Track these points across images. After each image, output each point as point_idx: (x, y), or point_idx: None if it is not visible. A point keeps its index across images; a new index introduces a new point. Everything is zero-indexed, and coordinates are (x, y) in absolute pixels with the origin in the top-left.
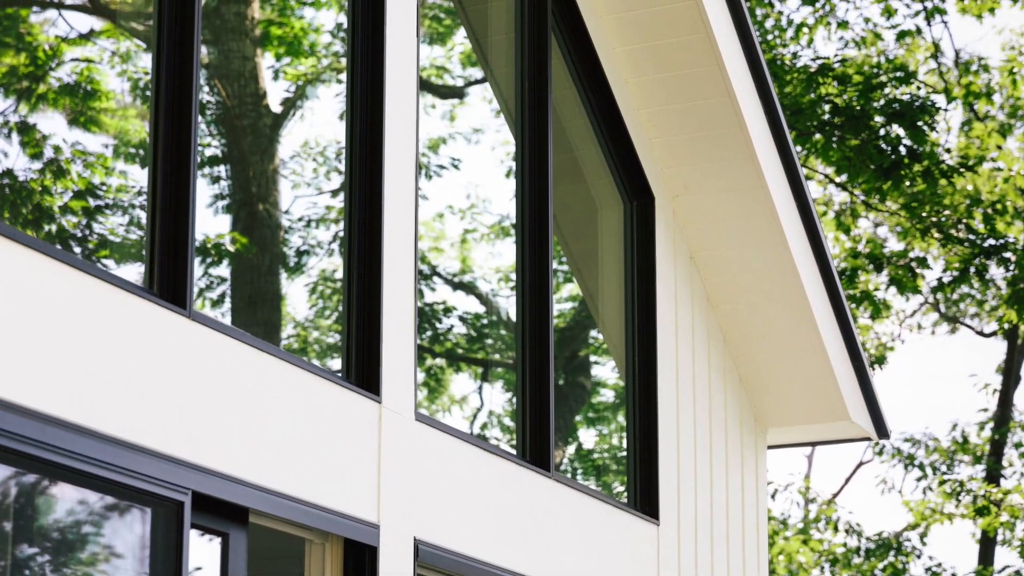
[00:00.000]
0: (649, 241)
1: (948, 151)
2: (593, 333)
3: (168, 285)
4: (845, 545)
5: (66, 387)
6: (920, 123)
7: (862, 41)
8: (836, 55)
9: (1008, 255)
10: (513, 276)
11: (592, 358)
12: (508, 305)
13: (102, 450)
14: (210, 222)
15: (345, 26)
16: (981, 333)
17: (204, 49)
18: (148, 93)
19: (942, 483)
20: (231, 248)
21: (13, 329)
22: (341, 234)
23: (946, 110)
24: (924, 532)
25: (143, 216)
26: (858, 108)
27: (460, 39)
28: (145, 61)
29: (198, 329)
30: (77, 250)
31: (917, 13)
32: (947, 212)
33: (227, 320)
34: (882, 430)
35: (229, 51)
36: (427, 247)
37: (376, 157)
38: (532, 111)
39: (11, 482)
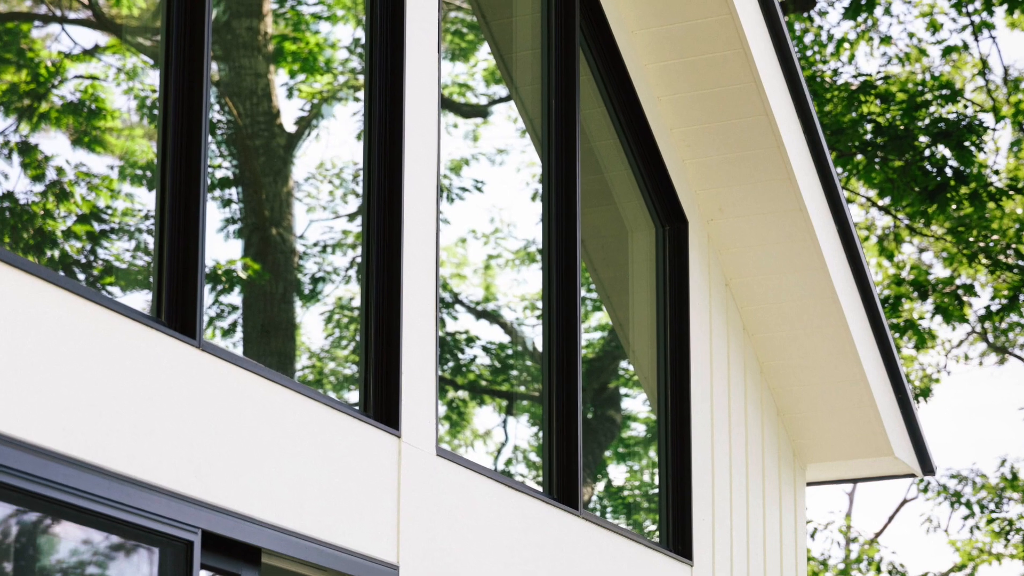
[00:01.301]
0: (682, 267)
1: (996, 172)
2: (623, 364)
3: (177, 314)
4: None
5: (69, 421)
6: (967, 143)
7: (906, 57)
8: (879, 72)
9: None
10: (539, 304)
11: (622, 390)
12: (534, 335)
13: (107, 487)
14: (221, 247)
15: (363, 41)
16: None
17: (214, 65)
18: (155, 112)
19: (990, 522)
20: (243, 275)
21: (13, 360)
22: (358, 260)
23: (994, 129)
24: (971, 573)
25: (150, 241)
26: (902, 128)
27: (483, 55)
28: (152, 78)
29: (208, 360)
30: (81, 277)
31: (964, 28)
32: (995, 237)
33: (239, 350)
34: (927, 466)
35: (241, 68)
36: (449, 274)
37: (395, 179)
38: (559, 130)
39: (12, 520)
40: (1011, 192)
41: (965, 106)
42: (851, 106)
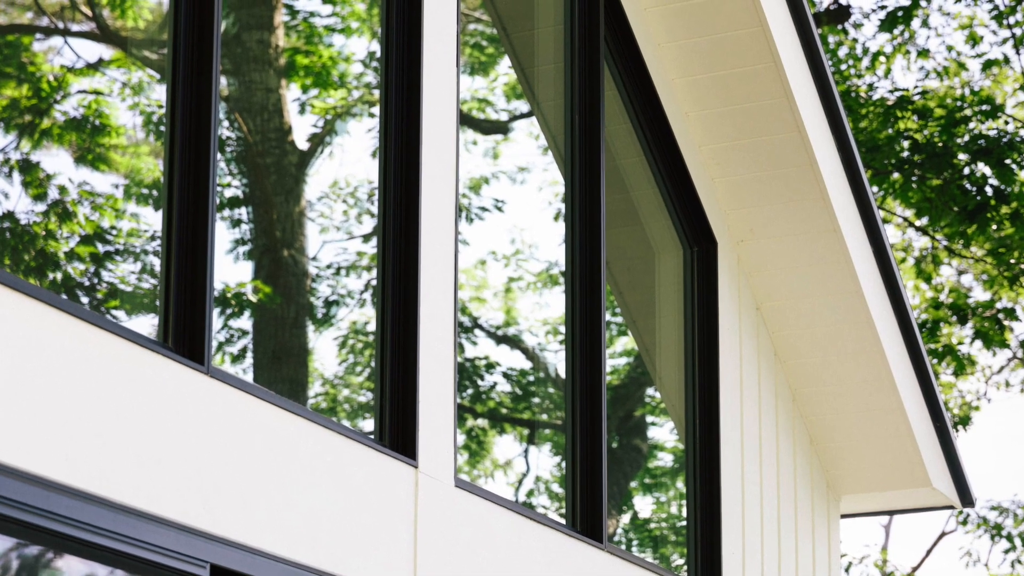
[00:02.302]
0: (711, 290)
1: None
2: (650, 391)
3: (184, 339)
4: None
5: (72, 450)
6: (1008, 161)
7: (944, 71)
8: (916, 87)
9: None
10: (562, 329)
11: (648, 418)
12: (557, 361)
13: (112, 519)
14: (230, 270)
15: (378, 55)
16: None
17: (224, 80)
18: (162, 128)
19: None
20: (253, 298)
21: (14, 387)
22: (374, 283)
23: None
24: None
25: (157, 263)
26: (940, 145)
27: (504, 69)
28: (159, 93)
29: (217, 387)
30: (84, 300)
31: (1005, 41)
32: None
33: (249, 377)
34: (966, 497)
35: (251, 82)
36: (468, 297)
37: (412, 198)
38: (583, 148)
39: (12, 554)
40: None
41: (1006, 122)
42: (887, 122)
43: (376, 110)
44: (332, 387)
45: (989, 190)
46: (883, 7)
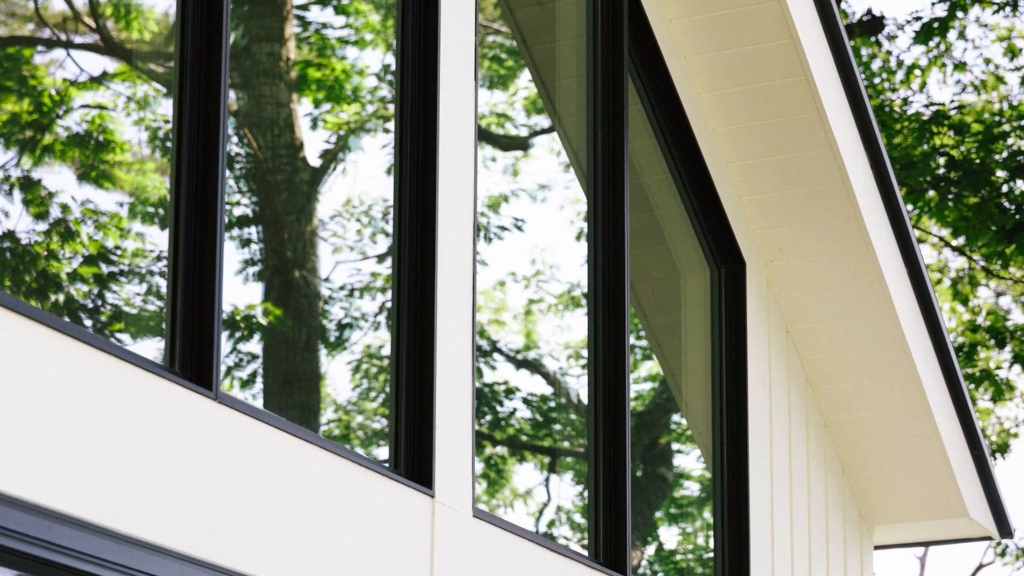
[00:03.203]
0: (739, 312)
1: None
2: (675, 417)
3: (192, 363)
4: None
5: (75, 479)
6: None
7: (982, 85)
8: (952, 101)
9: None
10: (584, 353)
11: (674, 446)
12: (579, 386)
13: (116, 551)
14: (239, 291)
15: (393, 68)
16: None
17: (232, 94)
18: (169, 144)
19: None
20: (263, 321)
21: (15, 413)
22: (389, 305)
23: None
24: None
25: (163, 284)
26: (977, 161)
27: (524, 83)
28: (165, 107)
29: (226, 413)
30: (88, 323)
31: None
32: None
33: (259, 403)
34: (1005, 528)
35: (261, 96)
36: (486, 320)
37: (428, 217)
38: (606, 165)
39: None
40: None
41: None
42: (922, 138)
43: (391, 125)
44: (345, 413)
45: None
46: (918, 18)
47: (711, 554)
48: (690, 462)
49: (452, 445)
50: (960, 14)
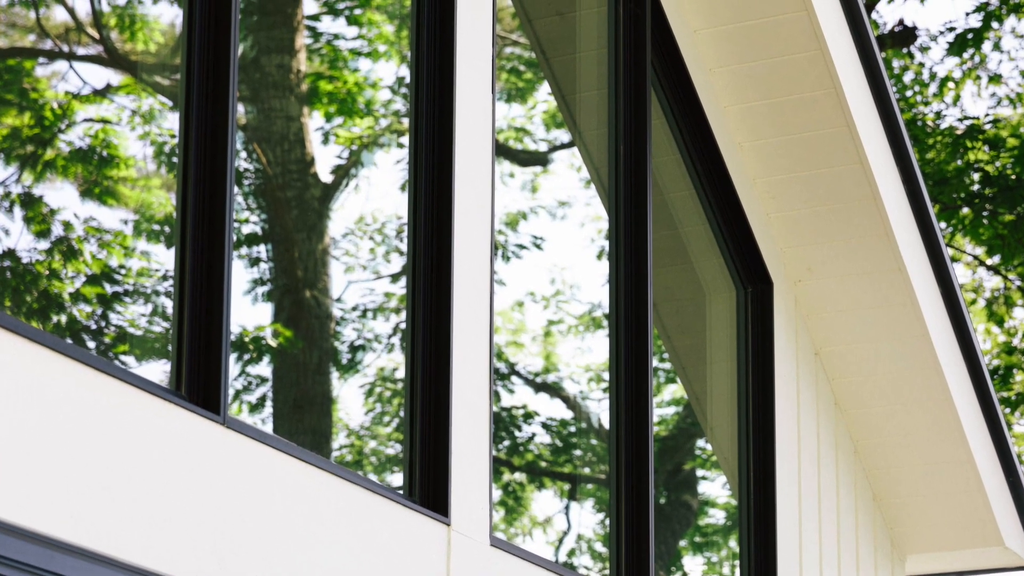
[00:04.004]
0: (766, 334)
1: None
2: (700, 443)
3: (199, 387)
4: None
5: (78, 507)
6: None
7: (1018, 98)
8: (987, 115)
9: None
10: (606, 376)
11: (699, 472)
12: (600, 410)
13: None
14: (248, 312)
15: (407, 80)
16: None
17: (241, 107)
18: (175, 159)
19: None
20: (273, 343)
21: (15, 438)
22: (403, 326)
23: None
24: None
25: (169, 305)
26: (1013, 177)
27: (543, 96)
28: (172, 121)
29: (234, 438)
30: (91, 345)
31: None
32: None
33: (268, 428)
34: None
35: (270, 110)
36: (504, 341)
37: (444, 235)
38: (628, 181)
39: None
40: None
41: None
42: (956, 153)
43: (405, 140)
44: (358, 438)
45: None
46: (951, 29)
47: None
48: (715, 489)
49: (469, 471)
50: (995, 24)
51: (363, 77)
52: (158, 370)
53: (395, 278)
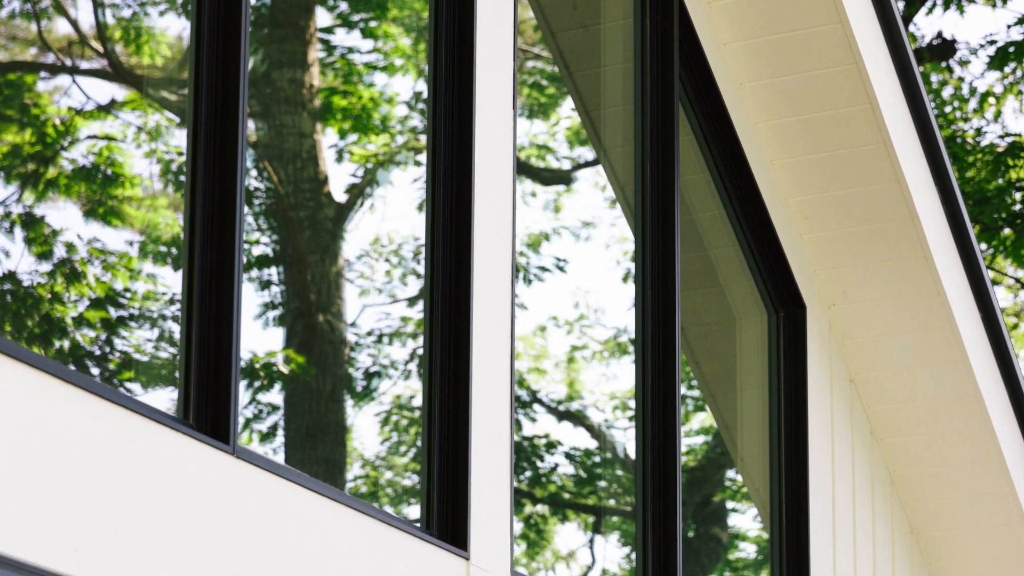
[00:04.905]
0: (799, 360)
1: None
2: (730, 474)
3: (207, 415)
4: None
5: (81, 540)
6: None
7: None
8: None
9: None
10: (632, 403)
11: (729, 504)
12: (626, 439)
13: None
14: (259, 337)
15: (425, 96)
16: None
17: (251, 124)
18: (182, 178)
19: None
20: (284, 369)
21: (15, 468)
22: (420, 352)
23: None
24: None
25: (176, 330)
26: None
27: (567, 112)
28: (179, 138)
29: (244, 469)
30: (95, 371)
31: None
32: None
33: (280, 458)
34: None
35: (282, 126)
36: (526, 368)
37: (463, 257)
38: (655, 200)
39: None
40: None
41: None
42: (997, 171)
43: (423, 157)
44: (373, 469)
45: None
46: (992, 42)
47: None
48: (746, 522)
49: (489, 503)
50: None
51: (379, 92)
52: (165, 398)
53: (412, 302)
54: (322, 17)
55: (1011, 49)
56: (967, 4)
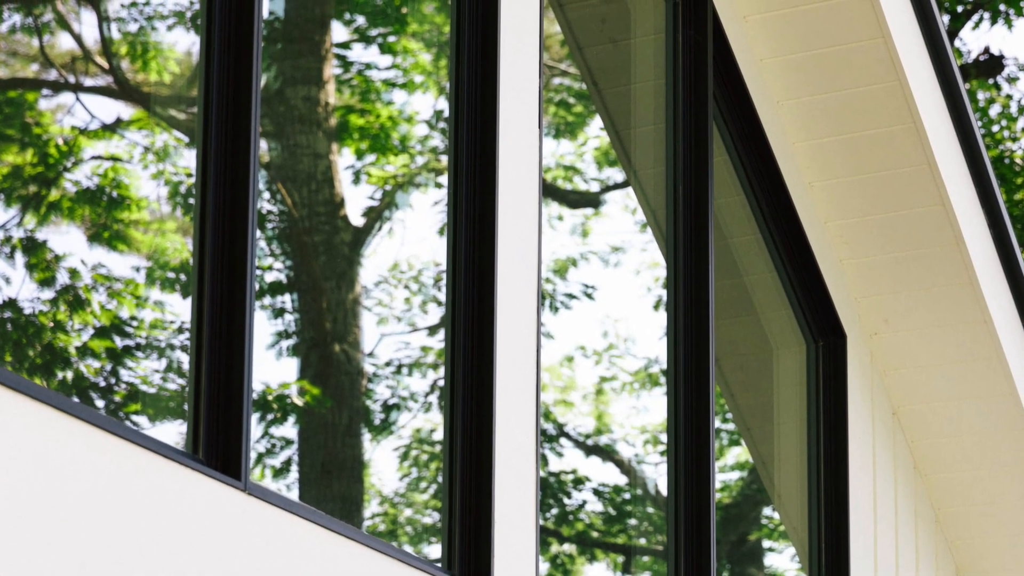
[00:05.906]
0: (839, 392)
1: None
2: (767, 511)
3: (218, 449)
4: None
5: None
6: None
7: None
8: None
9: None
10: (663, 438)
11: (765, 543)
12: (657, 475)
13: None
14: (272, 368)
15: (447, 114)
16: None
17: (264, 144)
18: (191, 200)
19: None
20: (299, 401)
21: (17, 505)
22: (441, 383)
23: None
24: None
25: (185, 360)
26: None
27: (595, 131)
28: (188, 159)
29: (256, 506)
30: (100, 404)
31: None
32: None
33: (294, 495)
34: None
35: (296, 146)
36: (552, 400)
37: (486, 284)
38: (688, 224)
39: None
40: None
41: None
42: None
43: (444, 179)
44: (392, 506)
45: None
46: None
47: None
48: (783, 561)
49: (513, 542)
50: None
51: (398, 111)
52: (173, 431)
53: (433, 331)
54: (338, 32)
55: None
56: (1015, 18)
